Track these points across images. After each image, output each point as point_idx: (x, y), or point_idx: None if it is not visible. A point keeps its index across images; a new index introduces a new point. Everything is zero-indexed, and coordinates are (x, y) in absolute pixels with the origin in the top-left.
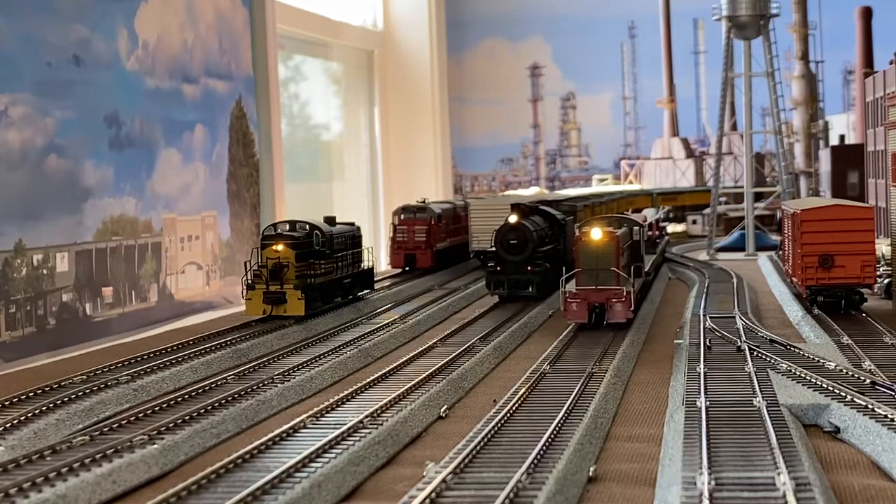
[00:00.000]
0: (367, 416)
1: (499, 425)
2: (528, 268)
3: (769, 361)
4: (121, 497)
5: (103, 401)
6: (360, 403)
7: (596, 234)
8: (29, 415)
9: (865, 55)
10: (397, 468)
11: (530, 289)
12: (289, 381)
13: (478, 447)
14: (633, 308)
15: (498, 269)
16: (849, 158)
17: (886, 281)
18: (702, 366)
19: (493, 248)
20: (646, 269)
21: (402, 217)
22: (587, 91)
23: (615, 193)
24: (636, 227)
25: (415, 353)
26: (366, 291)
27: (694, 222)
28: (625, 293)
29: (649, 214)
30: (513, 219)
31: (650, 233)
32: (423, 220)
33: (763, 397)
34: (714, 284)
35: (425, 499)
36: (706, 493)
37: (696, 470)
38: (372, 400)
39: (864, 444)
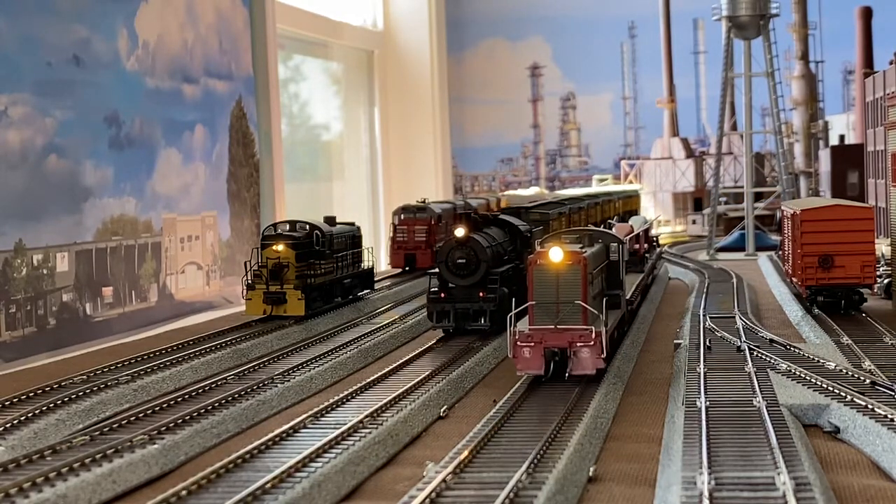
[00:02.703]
0: (366, 416)
1: (499, 425)
2: (481, 293)
3: (769, 361)
4: (121, 497)
5: (103, 401)
6: (360, 403)
7: (555, 254)
8: (29, 415)
9: (865, 55)
10: (397, 468)
11: (482, 320)
12: (289, 381)
13: (478, 447)
14: (604, 354)
15: (442, 295)
16: (849, 158)
17: (886, 281)
18: (702, 366)
19: (437, 270)
20: (628, 297)
21: (402, 217)
22: (587, 91)
23: (599, 195)
24: (614, 244)
25: (415, 353)
26: (366, 291)
27: (694, 222)
28: (594, 335)
29: (636, 224)
30: (460, 232)
31: (636, 246)
32: (423, 220)
33: (763, 397)
34: (714, 284)
35: (425, 499)
36: (706, 493)
37: (695, 470)
38: (372, 400)
39: (863, 444)
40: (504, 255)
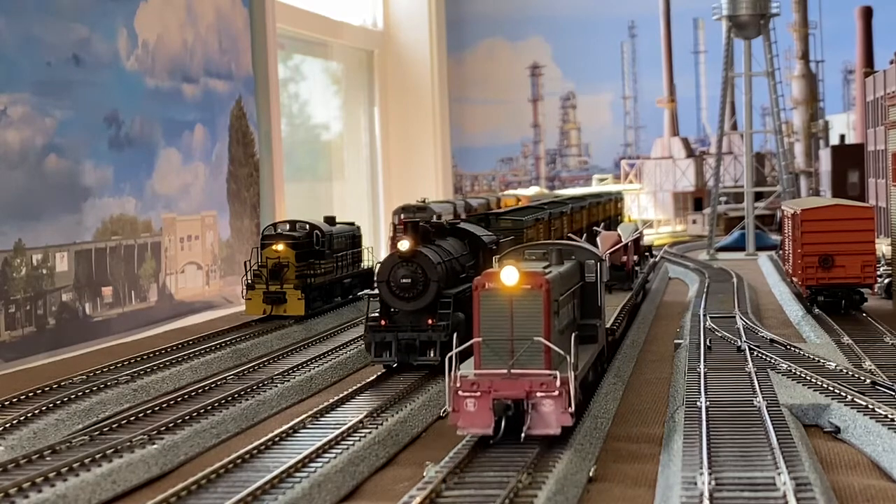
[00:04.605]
0: (366, 416)
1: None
2: (430, 320)
3: (769, 361)
4: (121, 497)
5: (103, 401)
6: (359, 403)
7: (508, 276)
8: (29, 415)
9: (865, 55)
10: (397, 468)
11: (431, 353)
12: (289, 381)
13: (478, 447)
14: (573, 407)
15: (382, 322)
16: (849, 158)
17: (886, 281)
18: (702, 366)
19: (377, 291)
20: (609, 324)
21: (402, 217)
22: (587, 91)
23: (585, 198)
24: (591, 261)
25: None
26: (366, 291)
27: (694, 222)
28: (558, 383)
29: (625, 232)
30: (404, 245)
31: (624, 258)
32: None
33: (763, 397)
34: (714, 284)
35: (425, 499)
36: (706, 494)
37: (696, 470)
38: (372, 400)
39: (864, 444)
40: (462, 273)
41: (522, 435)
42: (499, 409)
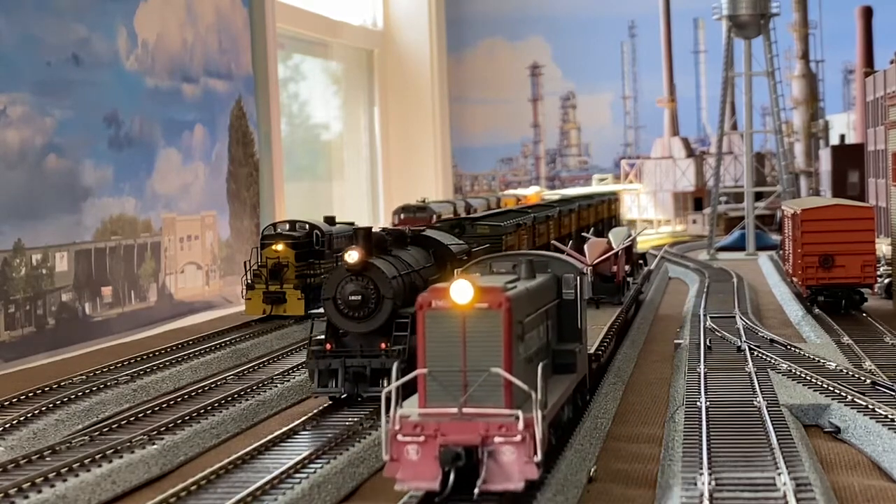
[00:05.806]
0: (366, 417)
1: None
2: (383, 345)
3: (769, 361)
4: (121, 497)
5: (103, 401)
6: (360, 404)
7: (460, 292)
8: (28, 415)
9: (865, 55)
10: None
11: (384, 383)
12: (289, 381)
13: None
14: (539, 456)
15: (328, 347)
16: (849, 158)
17: (886, 281)
18: (702, 366)
19: (321, 310)
20: (593, 350)
21: (402, 217)
22: (587, 91)
23: (574, 199)
24: (570, 275)
25: None
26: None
27: (694, 222)
28: (522, 425)
29: (617, 238)
30: (352, 256)
31: (615, 268)
32: (423, 220)
33: (763, 397)
34: (714, 284)
35: (424, 498)
36: (706, 494)
37: (696, 470)
38: (372, 401)
39: (864, 444)
40: (422, 289)
41: (476, 490)
42: (447, 457)
